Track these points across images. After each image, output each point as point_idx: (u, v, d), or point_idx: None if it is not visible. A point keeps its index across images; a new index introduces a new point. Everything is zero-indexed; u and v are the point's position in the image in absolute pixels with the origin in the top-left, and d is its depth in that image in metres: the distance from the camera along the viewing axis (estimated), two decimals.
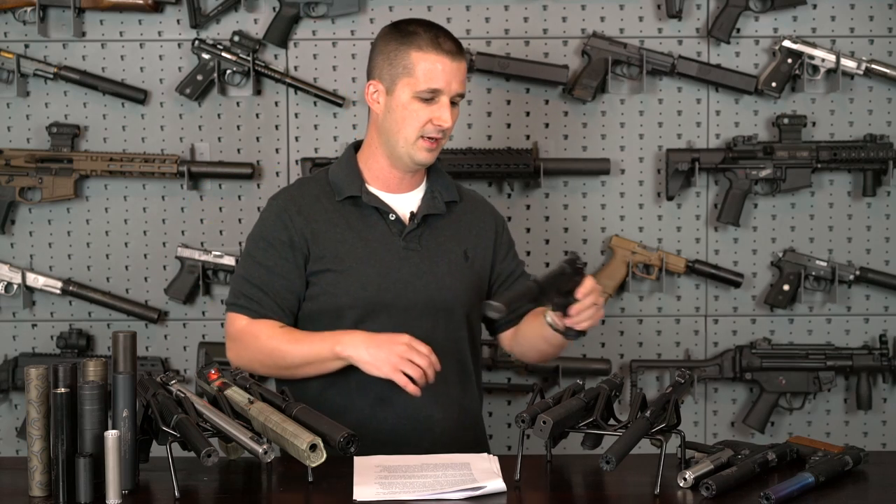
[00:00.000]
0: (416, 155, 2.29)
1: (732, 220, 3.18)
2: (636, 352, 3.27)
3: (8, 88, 3.19)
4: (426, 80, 2.25)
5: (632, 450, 1.87)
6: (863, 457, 2.02)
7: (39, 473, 1.86)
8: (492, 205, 2.52)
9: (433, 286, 2.31)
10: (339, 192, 2.34)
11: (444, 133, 2.28)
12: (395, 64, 2.28)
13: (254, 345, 2.26)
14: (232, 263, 3.19)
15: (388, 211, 2.33)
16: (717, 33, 3.17)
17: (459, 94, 2.29)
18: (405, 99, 2.26)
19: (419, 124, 2.26)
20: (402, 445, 2.21)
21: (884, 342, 3.21)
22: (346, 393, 2.28)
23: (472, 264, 2.38)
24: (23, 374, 2.30)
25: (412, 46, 2.26)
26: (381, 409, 2.27)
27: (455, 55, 2.27)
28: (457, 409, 2.33)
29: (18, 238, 3.25)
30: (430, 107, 2.26)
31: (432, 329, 2.29)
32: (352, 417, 2.22)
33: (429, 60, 2.25)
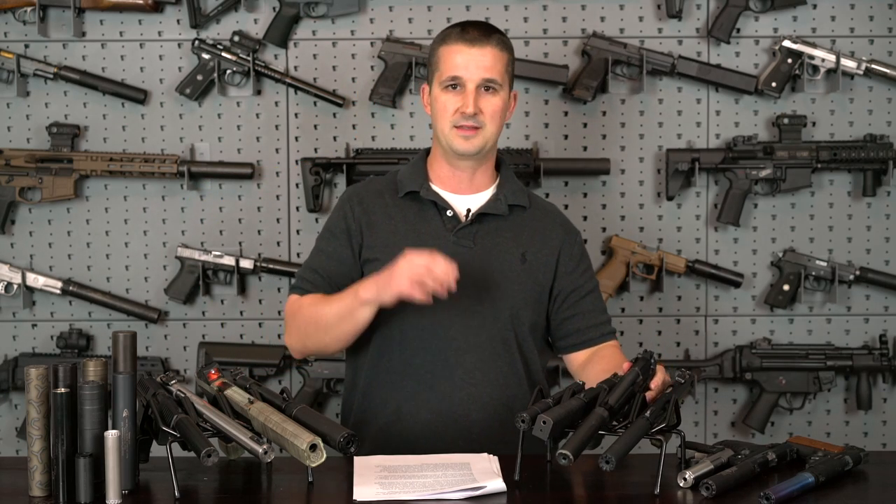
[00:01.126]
0: (454, 144, 2.30)
1: (732, 220, 3.18)
2: (636, 352, 3.24)
3: (8, 88, 3.19)
4: (447, 70, 2.30)
5: (631, 450, 1.87)
6: (863, 457, 2.02)
7: (39, 473, 1.86)
8: (566, 217, 2.48)
9: (480, 283, 2.29)
10: (402, 188, 2.37)
11: (479, 120, 2.28)
12: (432, 63, 2.36)
13: (300, 317, 2.30)
14: (232, 263, 3.19)
15: (446, 207, 2.34)
16: (717, 33, 3.17)
17: (487, 79, 2.29)
18: (437, 92, 2.32)
19: (449, 114, 2.29)
20: (437, 442, 2.21)
21: (884, 342, 3.21)
22: (387, 386, 2.29)
23: (530, 268, 2.35)
24: (23, 374, 2.30)
25: (441, 43, 2.34)
26: (414, 404, 2.28)
27: (476, 41, 2.29)
28: (501, 410, 2.29)
29: (18, 238, 3.25)
30: (457, 96, 2.29)
31: (478, 328, 2.29)
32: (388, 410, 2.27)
33: (450, 50, 2.31)
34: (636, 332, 3.27)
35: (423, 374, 2.28)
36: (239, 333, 3.26)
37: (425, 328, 2.28)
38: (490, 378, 2.29)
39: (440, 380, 2.28)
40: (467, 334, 2.29)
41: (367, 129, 3.22)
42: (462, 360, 2.28)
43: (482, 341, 2.29)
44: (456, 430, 2.27)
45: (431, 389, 2.27)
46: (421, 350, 2.29)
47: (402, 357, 2.29)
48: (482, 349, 2.29)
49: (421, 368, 2.28)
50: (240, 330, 3.26)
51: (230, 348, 3.22)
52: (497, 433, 2.26)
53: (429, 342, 2.28)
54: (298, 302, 2.32)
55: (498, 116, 2.31)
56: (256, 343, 3.24)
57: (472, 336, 2.29)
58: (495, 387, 2.30)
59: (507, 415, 2.25)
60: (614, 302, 3.25)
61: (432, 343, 2.28)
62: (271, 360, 3.19)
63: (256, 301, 3.26)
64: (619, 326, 3.26)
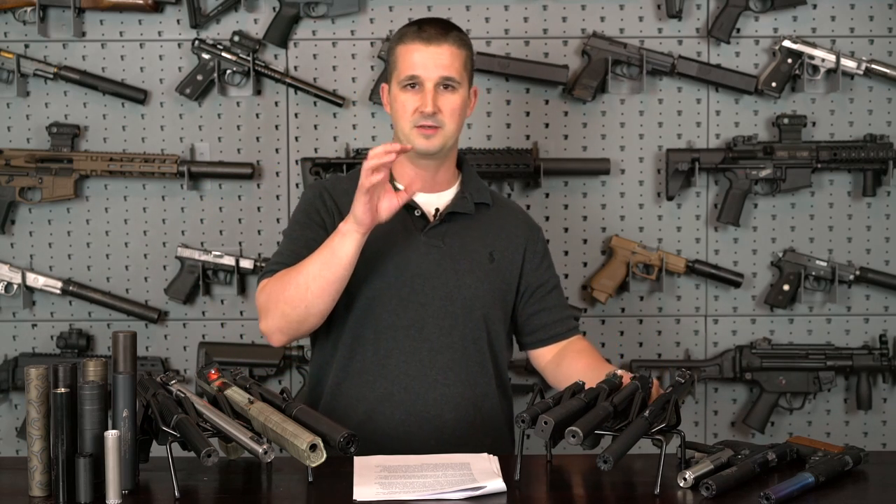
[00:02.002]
0: (415, 143, 2.28)
1: (732, 220, 3.18)
2: (636, 352, 3.27)
3: (8, 88, 3.19)
4: (405, 69, 2.28)
5: (631, 450, 1.87)
6: (863, 457, 2.02)
7: (39, 473, 1.86)
8: (528, 214, 2.51)
9: (452, 283, 2.30)
10: None
11: (438, 119, 2.27)
12: (390, 63, 2.34)
13: (275, 289, 2.22)
14: (232, 263, 3.19)
15: (414, 207, 2.33)
16: (717, 33, 3.17)
17: (445, 77, 2.28)
18: (396, 92, 2.30)
19: (408, 114, 2.28)
20: (410, 442, 2.22)
21: (884, 342, 3.21)
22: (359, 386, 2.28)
23: (498, 267, 2.36)
24: (23, 374, 2.30)
25: (398, 42, 2.32)
26: (388, 404, 2.27)
27: (433, 39, 2.28)
28: (471, 410, 2.31)
29: (18, 238, 3.25)
30: (415, 95, 2.28)
31: (450, 327, 2.29)
32: (360, 411, 2.26)
33: (407, 49, 2.29)
34: (636, 332, 3.27)
35: (396, 374, 2.28)
36: (239, 333, 3.26)
37: (399, 329, 2.28)
38: (462, 378, 2.30)
39: (414, 380, 2.28)
40: (440, 334, 2.29)
41: (367, 129, 3.22)
42: (435, 360, 2.29)
43: (454, 341, 2.30)
44: (429, 429, 2.27)
45: (405, 390, 2.27)
46: (395, 351, 2.28)
47: (375, 358, 2.29)
48: (454, 349, 2.29)
49: (395, 369, 2.28)
50: (240, 330, 3.26)
51: (230, 348, 3.22)
52: (467, 433, 2.29)
53: (402, 343, 2.28)
54: (270, 281, 2.26)
55: (457, 114, 2.30)
56: (256, 343, 3.24)
57: (444, 336, 2.29)
58: (467, 386, 2.31)
59: (477, 414, 2.32)
60: (614, 302, 3.25)
61: (406, 343, 2.28)
62: (271, 360, 3.19)
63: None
64: (619, 326, 3.26)
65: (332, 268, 2.17)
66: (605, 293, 3.19)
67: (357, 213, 2.13)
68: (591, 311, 3.25)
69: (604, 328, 3.26)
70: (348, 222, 2.15)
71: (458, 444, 2.22)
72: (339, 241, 2.16)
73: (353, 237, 2.15)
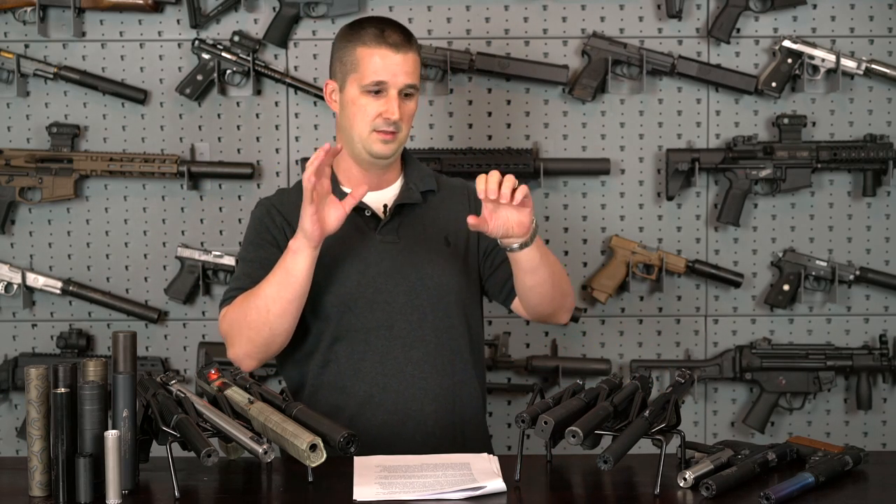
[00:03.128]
0: (373, 147, 2.29)
1: (732, 220, 3.18)
2: (636, 352, 3.27)
3: (8, 88, 3.19)
4: (371, 74, 2.27)
5: (630, 450, 1.87)
6: (863, 457, 2.02)
7: (39, 473, 1.86)
8: (467, 182, 2.44)
9: (413, 277, 2.30)
10: None
11: (398, 125, 2.28)
12: (345, 62, 2.31)
13: (236, 315, 2.22)
14: (232, 263, 3.19)
15: (364, 208, 2.32)
16: (717, 33, 3.17)
17: (409, 85, 2.29)
18: (354, 94, 2.29)
19: (369, 119, 2.27)
20: (395, 441, 2.22)
21: (884, 342, 3.21)
22: (336, 394, 2.29)
23: (456, 249, 2.36)
24: (23, 374, 2.30)
25: (358, 42, 2.29)
26: (368, 407, 2.27)
27: (400, 47, 2.28)
28: (451, 400, 2.32)
29: (18, 238, 3.25)
30: (378, 100, 2.27)
31: (419, 321, 2.29)
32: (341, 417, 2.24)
33: (372, 54, 2.27)
34: (636, 332, 3.27)
35: (373, 376, 2.28)
36: None
37: (369, 331, 2.28)
38: (438, 368, 2.30)
39: (391, 379, 2.28)
40: (410, 329, 2.29)
41: None
42: (409, 355, 2.29)
43: (426, 333, 2.30)
44: (412, 425, 2.28)
45: (384, 390, 2.28)
46: (368, 353, 2.28)
47: (349, 363, 2.29)
48: (427, 342, 2.29)
49: (371, 371, 2.28)
50: None
51: None
52: (449, 421, 2.31)
53: (374, 344, 2.28)
54: (230, 308, 2.26)
55: (411, 120, 2.33)
56: None
57: (415, 330, 2.29)
58: (444, 375, 2.31)
59: (456, 402, 2.33)
60: (614, 302, 3.25)
61: (378, 344, 2.28)
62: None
63: None
64: (619, 326, 3.26)
65: (289, 287, 2.17)
66: (605, 293, 3.19)
67: (305, 228, 2.13)
68: (591, 311, 3.25)
69: (604, 328, 3.27)
70: (298, 239, 2.15)
71: (441, 437, 2.26)
72: (291, 260, 2.16)
73: (305, 253, 2.15)
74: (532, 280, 2.24)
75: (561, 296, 2.33)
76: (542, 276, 2.24)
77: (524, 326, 3.25)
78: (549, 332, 3.26)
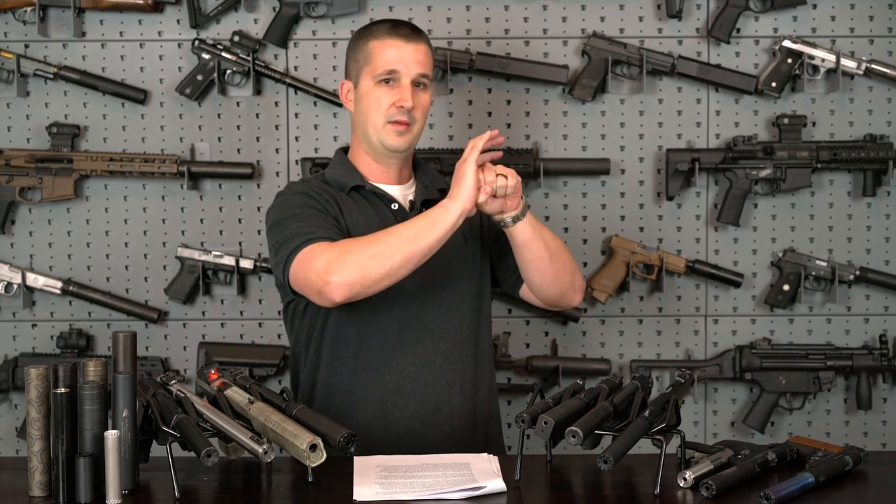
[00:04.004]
0: (387, 140, 2.32)
1: (732, 220, 3.18)
2: (636, 352, 3.27)
3: (8, 88, 3.19)
4: (383, 63, 2.31)
5: (630, 450, 1.87)
6: (863, 457, 2.02)
7: (39, 473, 1.86)
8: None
9: (439, 271, 2.33)
10: (343, 186, 2.37)
11: (412, 116, 2.31)
12: (358, 58, 2.36)
13: (354, 246, 2.17)
14: (232, 263, 3.19)
15: (392, 200, 2.37)
16: (717, 33, 3.17)
17: (422, 74, 2.33)
18: (368, 87, 2.32)
19: (384, 109, 2.31)
20: (425, 432, 2.27)
21: (884, 342, 3.21)
22: (364, 384, 2.30)
23: (472, 245, 2.42)
24: (23, 374, 2.30)
25: (370, 37, 2.35)
26: (399, 397, 2.30)
27: (410, 37, 2.33)
28: (474, 392, 2.37)
29: (18, 238, 3.25)
30: (391, 90, 2.31)
31: (447, 314, 2.34)
32: (371, 407, 2.28)
33: (385, 45, 2.32)
34: (636, 332, 3.27)
35: (405, 366, 2.31)
36: (239, 333, 3.26)
37: (402, 321, 2.30)
38: (462, 360, 2.35)
39: (421, 370, 2.32)
40: (439, 321, 2.33)
41: None
42: (438, 347, 2.33)
43: (452, 326, 2.35)
44: (441, 416, 2.32)
45: (415, 380, 2.31)
46: (399, 343, 2.31)
47: (380, 353, 2.31)
48: (452, 333, 2.35)
49: (403, 361, 2.31)
50: (240, 330, 3.26)
51: (230, 348, 3.22)
52: (471, 413, 2.36)
53: (405, 335, 2.31)
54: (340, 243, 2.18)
55: (426, 113, 2.37)
56: (256, 343, 3.24)
57: (443, 323, 2.33)
58: (467, 368, 2.37)
59: (477, 394, 2.39)
60: (614, 302, 3.25)
61: (408, 335, 2.31)
62: (271, 360, 3.19)
63: (256, 301, 3.26)
64: (619, 326, 3.26)
65: (427, 236, 2.17)
66: (605, 293, 3.19)
67: (468, 190, 2.17)
68: (591, 311, 3.25)
69: (604, 328, 3.27)
70: (453, 199, 2.18)
71: (466, 427, 2.32)
72: (442, 212, 2.18)
73: (457, 211, 2.17)
74: (528, 254, 2.31)
75: (565, 273, 2.37)
76: (539, 251, 2.30)
77: (524, 326, 3.26)
78: (549, 332, 3.26)
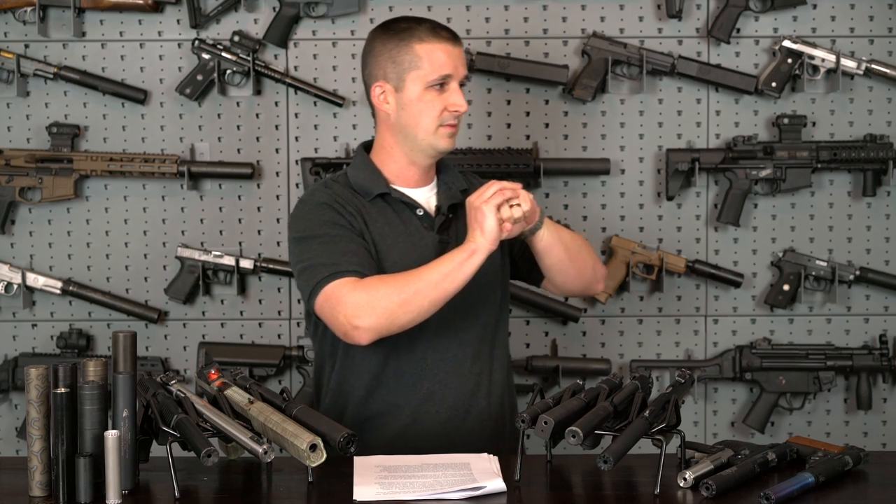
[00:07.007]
0: (439, 143, 2.30)
1: (732, 220, 3.18)
2: (636, 352, 3.27)
3: (8, 88, 3.19)
4: (437, 68, 2.27)
5: (630, 450, 1.87)
6: (863, 457, 2.02)
7: (39, 473, 1.86)
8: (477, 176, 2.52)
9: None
10: (367, 192, 2.32)
11: (460, 117, 2.32)
12: (400, 61, 2.29)
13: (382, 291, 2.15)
14: (232, 263, 3.19)
15: (416, 206, 2.34)
16: (717, 33, 3.17)
17: (467, 76, 2.34)
18: (418, 92, 2.28)
19: (436, 113, 2.28)
20: (457, 436, 2.27)
21: (884, 342, 3.21)
22: (397, 391, 2.30)
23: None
24: (23, 374, 2.30)
25: (413, 39, 2.29)
26: (431, 403, 2.30)
27: (454, 40, 2.32)
28: (500, 395, 2.38)
29: (18, 238, 3.25)
30: (442, 94, 2.29)
31: (474, 319, 2.33)
32: (403, 414, 2.28)
33: (435, 49, 2.28)
34: (636, 332, 3.27)
35: (436, 372, 2.30)
36: (239, 333, 3.26)
37: (432, 328, 2.28)
38: (489, 364, 2.36)
39: (451, 376, 2.31)
40: (466, 327, 2.32)
41: (367, 129, 3.22)
42: (465, 352, 2.32)
43: (478, 331, 2.34)
44: (472, 420, 2.32)
45: (446, 386, 2.30)
46: (429, 350, 2.30)
47: (411, 360, 2.29)
48: (478, 337, 2.34)
49: (434, 367, 2.30)
50: (240, 330, 3.26)
51: (230, 348, 3.22)
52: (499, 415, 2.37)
53: (435, 342, 2.30)
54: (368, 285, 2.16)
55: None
56: (256, 343, 3.24)
57: (470, 328, 2.32)
58: (494, 371, 2.37)
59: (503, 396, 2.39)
60: (614, 302, 3.25)
61: (438, 342, 2.30)
62: (271, 360, 3.19)
63: (256, 301, 3.26)
64: (619, 326, 3.26)
65: (454, 281, 2.16)
66: (605, 293, 3.19)
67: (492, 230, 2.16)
68: (591, 311, 3.25)
69: (604, 328, 3.27)
70: (476, 240, 2.16)
71: (496, 429, 2.34)
72: (467, 257, 2.16)
73: (482, 254, 2.17)
74: (549, 259, 2.34)
75: (586, 268, 2.42)
76: (559, 254, 2.33)
77: (524, 326, 3.26)
78: (549, 332, 3.26)
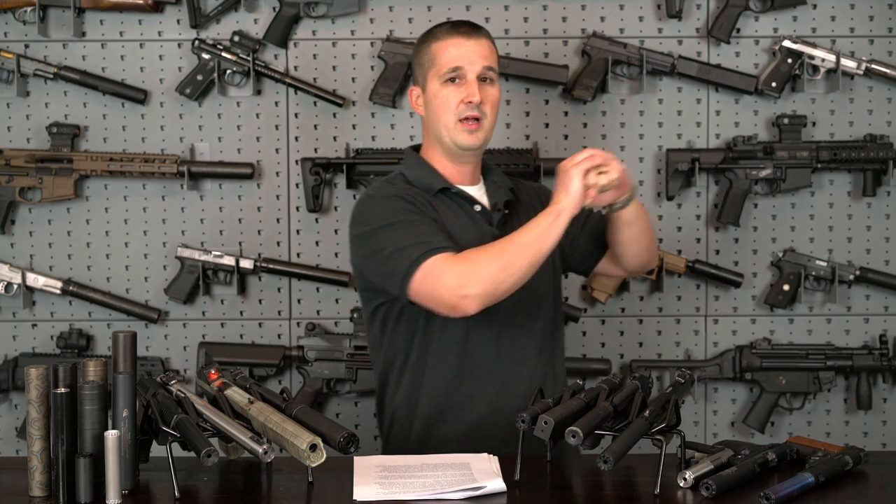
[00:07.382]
0: (459, 139, 2.32)
1: (732, 220, 3.18)
2: (636, 352, 3.27)
3: (8, 88, 3.19)
4: (447, 62, 2.31)
5: (630, 450, 1.87)
6: (863, 457, 2.02)
7: (39, 473, 1.86)
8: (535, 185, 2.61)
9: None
10: (430, 187, 2.36)
11: (482, 111, 2.31)
12: (423, 62, 2.36)
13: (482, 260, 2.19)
14: (232, 263, 3.19)
15: (475, 202, 2.38)
16: (717, 33, 3.17)
17: (487, 67, 2.33)
18: (435, 88, 2.33)
19: (453, 107, 2.31)
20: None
21: (884, 342, 3.21)
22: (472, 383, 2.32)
23: None
24: (23, 374, 2.30)
25: (431, 39, 2.36)
26: (506, 394, 2.32)
27: (471, 33, 2.34)
28: (561, 385, 2.41)
29: (18, 238, 3.25)
30: (458, 88, 2.31)
31: (536, 312, 2.36)
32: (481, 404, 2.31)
33: (447, 45, 2.33)
34: (636, 332, 3.27)
35: (510, 363, 2.34)
36: (239, 333, 3.26)
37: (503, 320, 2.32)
38: (551, 355, 2.41)
39: (523, 366, 2.35)
40: (530, 319, 2.36)
41: (367, 129, 3.22)
42: (532, 343, 2.37)
43: (540, 323, 2.39)
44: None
45: (519, 376, 2.34)
46: (502, 341, 2.33)
47: (487, 351, 2.33)
48: (540, 329, 2.38)
49: (509, 358, 2.34)
50: (240, 330, 3.26)
51: (230, 348, 3.22)
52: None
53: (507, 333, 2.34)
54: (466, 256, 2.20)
55: (496, 108, 2.37)
56: (256, 343, 3.24)
57: (534, 320, 2.37)
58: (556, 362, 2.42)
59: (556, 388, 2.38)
60: (614, 302, 3.25)
61: (510, 333, 2.34)
62: (271, 360, 3.19)
63: (256, 301, 3.26)
64: (619, 326, 3.26)
65: (546, 241, 2.20)
66: (605, 293, 3.19)
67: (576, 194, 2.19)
68: (591, 311, 3.25)
69: (604, 328, 3.26)
70: (560, 202, 2.20)
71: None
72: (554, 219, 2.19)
73: (567, 216, 2.20)
74: (629, 232, 2.38)
75: (653, 244, 2.50)
76: (640, 227, 2.39)
77: None
78: None
